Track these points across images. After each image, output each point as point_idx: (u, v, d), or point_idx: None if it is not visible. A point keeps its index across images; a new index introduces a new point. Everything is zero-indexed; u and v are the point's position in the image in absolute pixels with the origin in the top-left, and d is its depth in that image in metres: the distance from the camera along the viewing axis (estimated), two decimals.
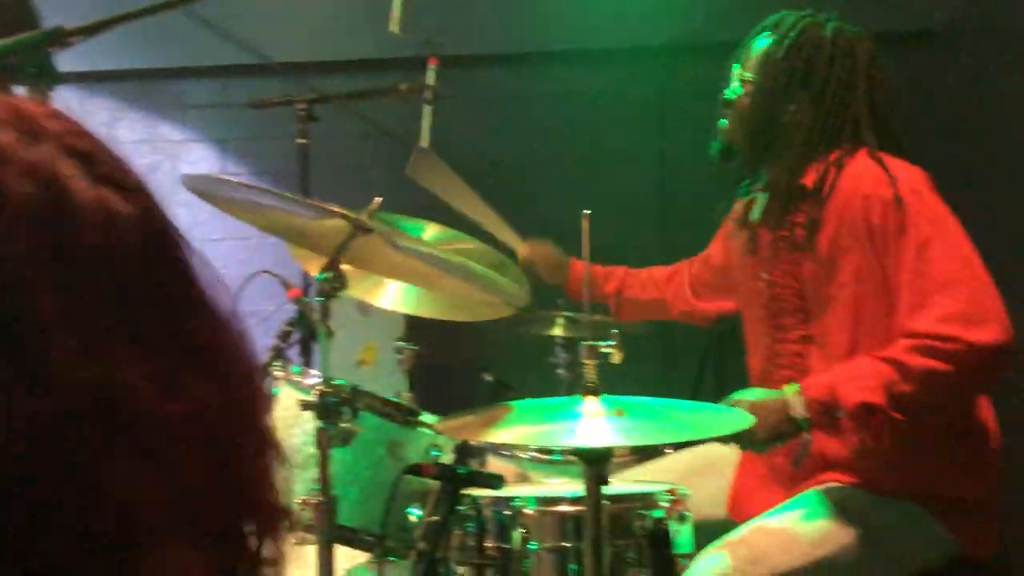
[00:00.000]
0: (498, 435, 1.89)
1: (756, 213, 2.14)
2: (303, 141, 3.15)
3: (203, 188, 1.98)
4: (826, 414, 1.85)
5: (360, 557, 2.34)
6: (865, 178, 1.96)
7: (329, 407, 1.88)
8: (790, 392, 1.89)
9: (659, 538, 1.83)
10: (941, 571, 1.98)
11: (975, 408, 2.01)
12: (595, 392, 1.72)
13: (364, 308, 3.36)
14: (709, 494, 2.17)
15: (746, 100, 2.11)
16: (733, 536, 1.94)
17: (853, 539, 1.92)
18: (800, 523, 1.94)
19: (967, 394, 1.94)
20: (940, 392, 1.84)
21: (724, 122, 2.17)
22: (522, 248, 2.68)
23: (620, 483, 2.16)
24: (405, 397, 2.69)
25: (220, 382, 0.58)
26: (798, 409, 1.87)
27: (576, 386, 1.77)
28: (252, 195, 1.83)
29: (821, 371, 1.97)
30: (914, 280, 1.86)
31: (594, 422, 1.67)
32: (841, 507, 1.94)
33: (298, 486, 2.14)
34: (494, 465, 2.54)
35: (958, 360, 1.80)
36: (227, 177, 1.80)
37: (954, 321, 1.81)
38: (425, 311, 2.43)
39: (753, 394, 1.96)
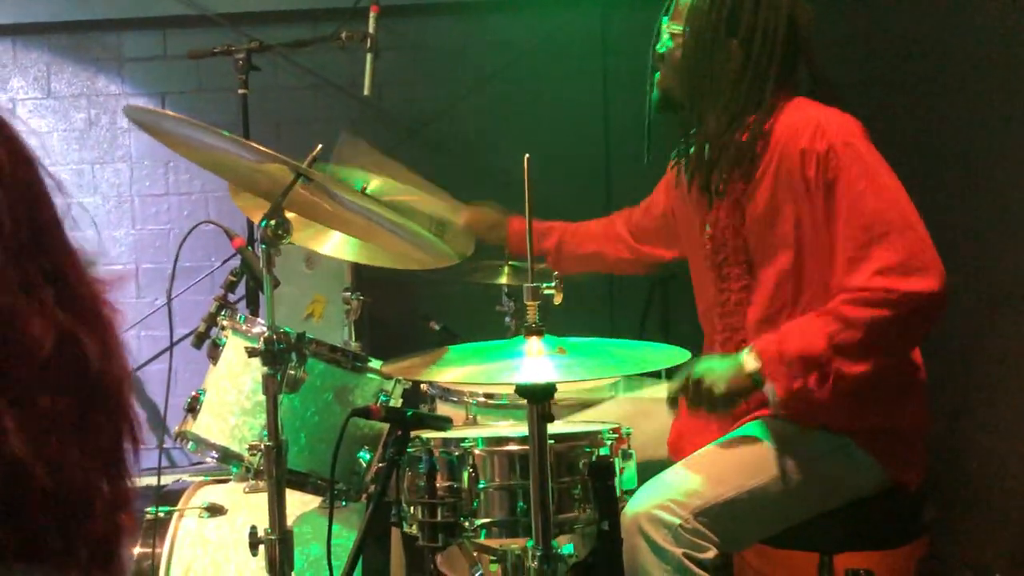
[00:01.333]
0: (444, 374, 1.92)
1: (699, 166, 2.16)
2: (243, 91, 3.12)
3: (146, 120, 1.96)
4: (775, 366, 1.90)
5: (312, 502, 2.37)
6: (801, 131, 2.00)
7: (276, 354, 1.89)
8: (744, 354, 1.94)
9: (603, 473, 1.87)
10: (870, 499, 2.06)
11: None
12: (538, 332, 1.76)
13: (311, 262, 3.36)
14: (651, 436, 2.22)
15: (677, 53, 2.14)
16: (671, 470, 2.00)
17: (784, 469, 1.98)
18: (733, 455, 2.00)
19: (906, 342, 2.00)
20: (880, 340, 1.90)
21: (658, 75, 2.19)
22: (460, 215, 2.67)
23: (566, 424, 2.21)
24: (353, 346, 2.71)
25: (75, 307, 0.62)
26: (751, 364, 1.92)
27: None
28: (194, 132, 1.82)
29: (757, 318, 2.04)
30: (851, 232, 1.91)
31: (536, 360, 1.71)
32: (772, 439, 2.01)
33: (248, 432, 2.17)
34: (443, 410, 2.57)
35: (896, 308, 1.86)
36: (171, 113, 1.80)
37: (891, 273, 1.87)
38: (370, 260, 2.43)
39: (711, 362, 1.99)
